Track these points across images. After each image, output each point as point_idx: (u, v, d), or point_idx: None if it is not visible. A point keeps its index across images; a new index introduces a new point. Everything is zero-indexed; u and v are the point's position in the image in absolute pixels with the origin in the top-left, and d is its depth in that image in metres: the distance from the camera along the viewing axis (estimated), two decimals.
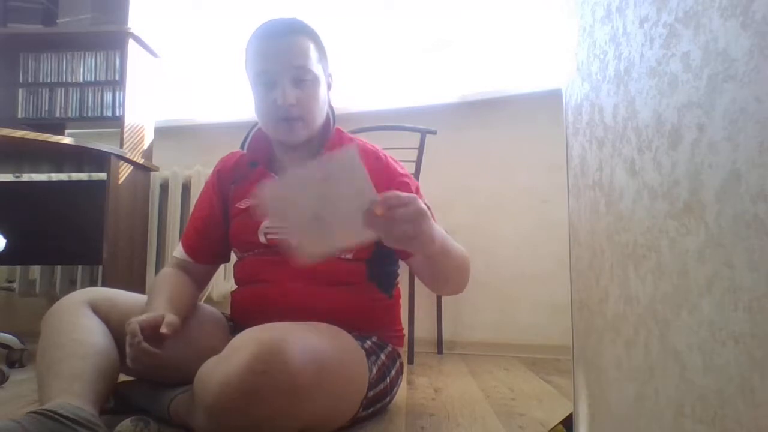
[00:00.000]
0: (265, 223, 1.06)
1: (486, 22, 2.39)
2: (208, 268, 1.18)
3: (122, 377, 1.08)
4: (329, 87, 1.09)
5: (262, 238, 1.07)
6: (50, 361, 0.88)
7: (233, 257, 1.20)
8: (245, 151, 1.13)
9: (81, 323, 0.94)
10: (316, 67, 1.02)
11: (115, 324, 0.98)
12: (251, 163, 1.14)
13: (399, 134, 1.82)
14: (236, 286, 1.17)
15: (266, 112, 1.01)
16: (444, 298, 2.06)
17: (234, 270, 1.18)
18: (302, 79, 1.00)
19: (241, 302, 1.12)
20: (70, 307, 0.96)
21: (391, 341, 1.12)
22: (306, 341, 0.82)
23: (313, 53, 1.02)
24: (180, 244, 1.17)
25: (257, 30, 1.02)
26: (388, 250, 1.10)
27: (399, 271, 1.21)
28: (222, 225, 1.16)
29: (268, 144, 1.14)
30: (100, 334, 0.95)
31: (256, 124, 1.14)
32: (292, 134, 1.02)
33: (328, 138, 1.10)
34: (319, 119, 1.06)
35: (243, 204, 1.11)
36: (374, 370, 1.00)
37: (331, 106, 1.12)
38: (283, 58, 0.99)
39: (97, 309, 0.98)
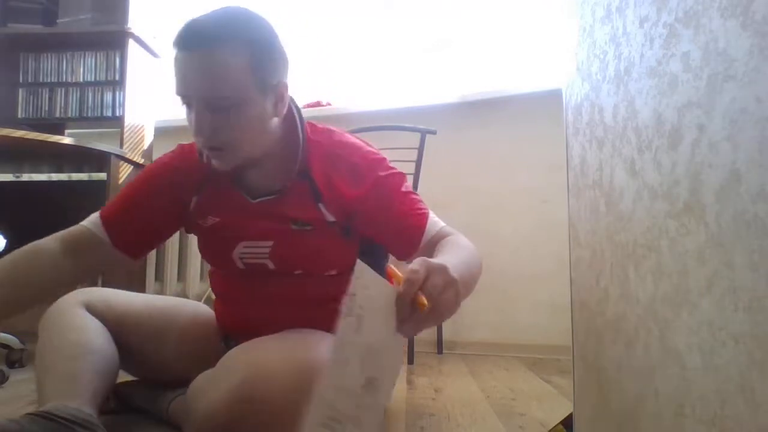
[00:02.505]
0: (238, 249, 0.96)
1: (486, 22, 2.39)
2: (111, 258, 0.95)
3: (123, 377, 1.08)
4: (280, 98, 0.87)
5: (239, 264, 0.97)
6: (47, 363, 0.88)
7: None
8: (205, 161, 0.93)
9: (77, 324, 0.94)
10: (239, 88, 0.79)
11: (111, 324, 0.98)
12: (213, 174, 0.94)
13: (399, 134, 1.82)
14: (215, 297, 1.08)
15: (193, 135, 0.84)
16: None
17: (210, 278, 1.08)
18: (221, 105, 0.79)
19: (225, 319, 1.06)
20: (66, 309, 0.95)
21: None
22: (298, 359, 0.79)
23: (237, 71, 0.78)
24: (97, 215, 0.96)
25: (182, 29, 0.80)
26: (370, 254, 0.94)
27: (386, 261, 1.09)
28: (160, 221, 0.99)
29: None
30: (96, 334, 0.94)
31: None
32: (219, 163, 0.85)
33: (299, 146, 0.92)
34: (259, 143, 0.87)
35: (208, 221, 0.97)
36: None
37: (296, 109, 0.94)
38: (193, 82, 0.79)
39: (92, 310, 0.98)
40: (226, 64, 0.78)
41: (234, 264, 0.97)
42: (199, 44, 0.77)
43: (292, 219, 0.92)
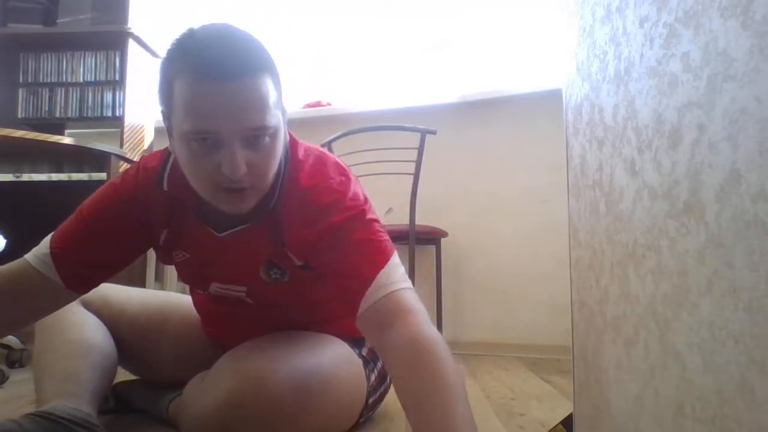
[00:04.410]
0: (212, 287, 0.92)
1: (486, 22, 2.39)
2: (59, 300, 0.84)
3: (121, 376, 1.08)
4: (286, 122, 0.79)
5: (220, 295, 0.94)
6: (45, 363, 0.88)
7: None
8: (165, 189, 0.83)
9: (73, 321, 0.93)
10: (276, 116, 0.71)
11: (107, 319, 0.98)
12: (178, 206, 0.84)
13: (399, 134, 1.82)
14: (199, 315, 1.05)
15: (203, 177, 0.71)
16: (444, 299, 2.06)
17: (192, 297, 1.05)
18: (258, 137, 0.69)
19: (211, 336, 1.05)
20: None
21: None
22: (291, 364, 0.78)
23: (272, 97, 0.70)
24: (47, 251, 0.80)
25: (200, 54, 0.66)
26: None
27: None
28: (121, 257, 0.87)
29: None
30: (93, 331, 0.94)
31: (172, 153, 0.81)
32: (238, 206, 0.73)
33: (281, 175, 0.81)
34: (273, 175, 0.76)
35: (178, 257, 0.90)
36: (373, 378, 0.96)
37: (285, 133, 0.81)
38: (235, 118, 0.66)
39: (88, 306, 0.98)
40: (267, 94, 0.68)
41: (213, 294, 0.94)
42: (240, 73, 0.65)
43: (264, 260, 0.84)
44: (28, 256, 0.81)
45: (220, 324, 1.01)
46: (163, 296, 1.13)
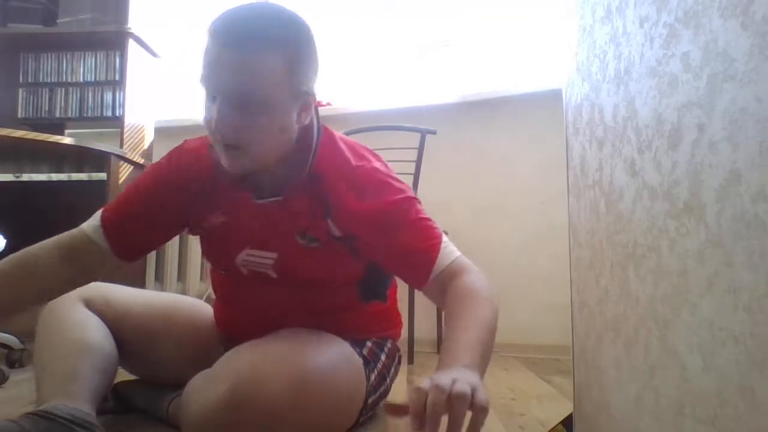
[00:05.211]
0: (241, 255, 0.94)
1: (486, 22, 2.39)
2: (110, 265, 0.93)
3: (122, 376, 1.08)
4: (306, 106, 0.83)
5: (242, 270, 0.96)
6: (45, 361, 0.88)
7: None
8: (213, 156, 0.88)
9: (75, 320, 0.93)
10: (271, 95, 0.76)
11: (109, 320, 0.98)
12: (218, 172, 0.89)
13: (399, 134, 1.82)
14: (215, 296, 1.08)
15: (207, 125, 0.80)
16: None
17: (211, 277, 1.08)
18: (247, 104, 0.76)
19: (223, 320, 1.06)
20: (64, 305, 0.94)
21: (390, 336, 1.09)
22: (290, 364, 0.79)
23: (276, 76, 0.76)
24: (98, 221, 0.91)
25: (222, 19, 0.76)
26: (377, 269, 0.96)
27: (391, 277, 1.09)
28: (165, 228, 0.97)
29: None
30: (95, 331, 0.94)
31: None
32: (230, 163, 0.80)
33: (312, 153, 0.88)
34: (276, 150, 0.83)
35: (213, 221, 0.95)
36: (372, 378, 0.96)
37: (316, 115, 0.90)
38: (228, 76, 0.74)
39: (91, 306, 0.98)
40: (265, 67, 0.75)
41: (236, 268, 0.96)
42: (244, 44, 0.74)
43: (300, 229, 0.89)
44: (83, 225, 0.93)
45: (234, 308, 1.02)
46: (166, 297, 1.13)
